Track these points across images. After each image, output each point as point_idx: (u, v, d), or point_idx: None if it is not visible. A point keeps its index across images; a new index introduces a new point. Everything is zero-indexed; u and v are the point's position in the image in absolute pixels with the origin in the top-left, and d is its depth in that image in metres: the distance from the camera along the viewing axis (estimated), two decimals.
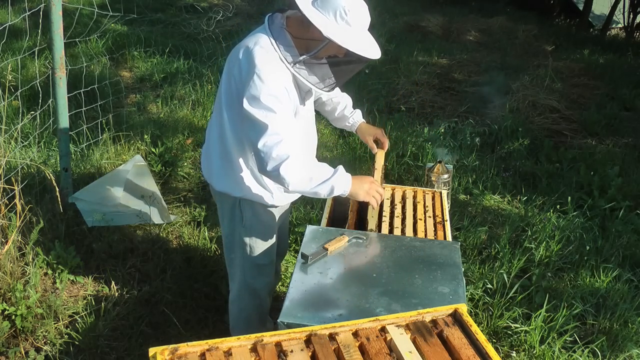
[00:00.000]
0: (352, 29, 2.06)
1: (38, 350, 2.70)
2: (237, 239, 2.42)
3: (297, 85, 2.17)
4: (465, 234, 3.71)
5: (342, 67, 2.16)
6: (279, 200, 2.38)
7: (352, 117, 2.67)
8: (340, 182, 2.10)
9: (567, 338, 2.91)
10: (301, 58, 2.08)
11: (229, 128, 2.23)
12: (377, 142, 2.68)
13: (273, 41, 2.08)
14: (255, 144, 2.04)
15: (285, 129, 2.04)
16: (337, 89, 2.54)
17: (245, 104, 2.04)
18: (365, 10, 2.11)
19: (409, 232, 2.49)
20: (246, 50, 2.10)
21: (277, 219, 2.45)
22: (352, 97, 2.71)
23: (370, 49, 2.12)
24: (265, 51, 2.07)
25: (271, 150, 2.01)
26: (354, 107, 2.71)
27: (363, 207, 2.67)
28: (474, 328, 1.59)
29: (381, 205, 2.69)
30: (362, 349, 1.53)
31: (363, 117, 2.72)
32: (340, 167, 2.15)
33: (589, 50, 8.48)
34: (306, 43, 2.10)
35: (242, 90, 2.07)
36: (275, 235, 2.47)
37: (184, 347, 1.46)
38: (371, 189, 2.21)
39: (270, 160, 2.02)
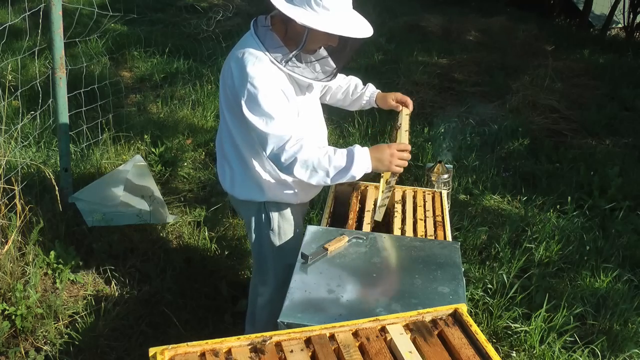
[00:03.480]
0: (331, 12, 2.02)
1: (38, 350, 2.70)
2: (266, 242, 2.41)
3: (296, 82, 2.16)
4: (465, 234, 3.71)
5: (336, 53, 2.16)
6: (301, 197, 2.39)
7: (367, 92, 2.60)
8: (358, 167, 2.07)
9: (567, 338, 2.91)
10: (291, 55, 2.06)
11: (238, 136, 2.22)
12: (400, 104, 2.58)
13: (261, 44, 2.07)
14: (265, 153, 2.09)
15: (286, 130, 2.05)
16: (342, 75, 2.53)
17: (246, 113, 2.05)
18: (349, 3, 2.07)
19: (409, 232, 2.49)
20: (236, 59, 2.09)
21: (300, 216, 2.48)
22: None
23: (357, 29, 2.07)
24: (254, 57, 2.05)
25: (278, 156, 2.06)
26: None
27: (362, 206, 2.67)
28: (474, 328, 1.59)
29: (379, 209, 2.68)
30: (362, 349, 1.53)
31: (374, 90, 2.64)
32: (356, 150, 2.08)
33: (589, 50, 8.47)
34: (294, 40, 2.09)
35: (239, 99, 2.07)
36: (301, 232, 2.47)
37: (184, 347, 1.46)
38: (393, 158, 2.13)
39: (281, 167, 2.10)
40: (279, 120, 2.04)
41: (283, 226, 2.40)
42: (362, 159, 2.08)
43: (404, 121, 2.46)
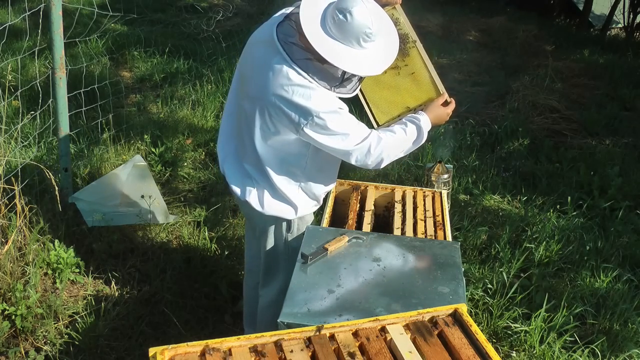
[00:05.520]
0: (376, 42, 2.09)
1: (38, 350, 2.70)
2: (282, 243, 2.45)
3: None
4: (465, 234, 3.71)
5: None
6: (321, 200, 2.46)
7: None
8: (427, 133, 2.34)
9: (567, 338, 2.91)
10: (339, 82, 2.12)
11: (272, 162, 2.25)
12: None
13: (305, 73, 2.06)
14: (350, 162, 2.22)
15: (364, 141, 2.16)
16: None
17: (320, 139, 2.12)
18: (382, 15, 2.14)
19: (409, 232, 2.49)
20: (284, 95, 2.07)
21: (314, 215, 2.55)
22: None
23: (396, 43, 2.21)
24: (307, 89, 2.06)
25: (365, 162, 2.21)
26: None
27: (362, 206, 2.67)
28: (474, 328, 1.59)
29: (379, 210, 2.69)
30: (362, 349, 1.53)
31: None
32: (422, 123, 2.32)
33: (589, 50, 8.47)
34: None
35: (299, 131, 2.10)
36: None
37: (184, 347, 1.46)
38: (448, 115, 2.43)
39: (369, 167, 2.25)
40: (353, 133, 2.14)
41: (300, 227, 2.43)
42: (428, 126, 2.35)
43: (419, 44, 2.52)
